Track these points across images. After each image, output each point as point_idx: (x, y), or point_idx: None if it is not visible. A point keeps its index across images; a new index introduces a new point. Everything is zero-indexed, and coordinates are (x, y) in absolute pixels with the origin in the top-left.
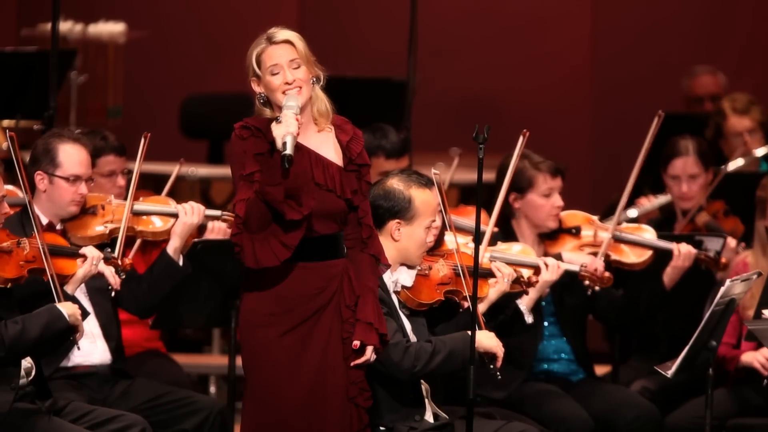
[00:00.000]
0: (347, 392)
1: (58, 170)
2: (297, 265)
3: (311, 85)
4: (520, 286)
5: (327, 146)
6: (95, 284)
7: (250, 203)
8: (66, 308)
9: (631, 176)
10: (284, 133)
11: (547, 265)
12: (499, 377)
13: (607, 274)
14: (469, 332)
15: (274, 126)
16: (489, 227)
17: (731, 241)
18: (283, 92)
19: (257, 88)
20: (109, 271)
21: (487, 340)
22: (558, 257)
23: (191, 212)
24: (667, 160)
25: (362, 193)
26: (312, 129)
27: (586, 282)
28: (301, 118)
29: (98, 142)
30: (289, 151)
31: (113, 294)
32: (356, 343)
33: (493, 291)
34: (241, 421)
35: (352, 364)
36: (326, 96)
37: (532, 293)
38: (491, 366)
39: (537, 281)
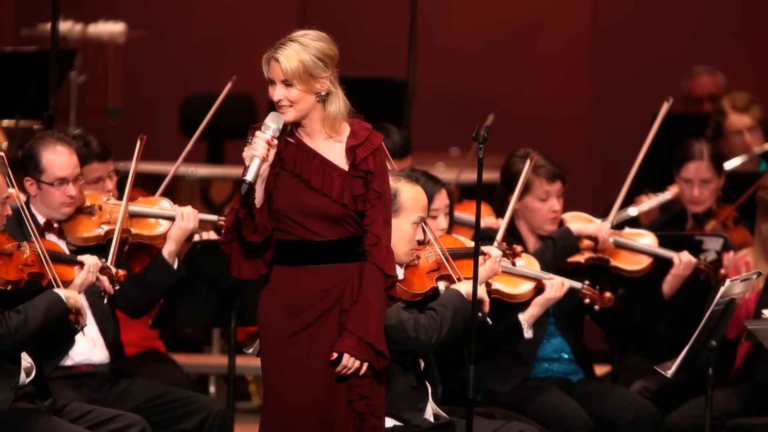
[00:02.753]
0: (347, 396)
1: (43, 176)
2: (300, 267)
3: (310, 101)
4: (508, 258)
5: (336, 150)
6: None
7: (235, 216)
8: (64, 292)
9: (632, 169)
10: (249, 156)
11: (553, 283)
12: (490, 323)
13: (607, 294)
14: (455, 287)
15: (246, 147)
16: (499, 233)
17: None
18: (278, 107)
19: None
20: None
21: (469, 288)
22: (568, 232)
23: (188, 217)
24: (680, 162)
25: (368, 201)
26: (321, 135)
27: (587, 300)
28: (304, 128)
29: (80, 149)
30: (248, 177)
31: (105, 301)
32: (333, 353)
33: (482, 269)
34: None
35: (335, 371)
36: (344, 107)
37: (535, 309)
38: (479, 314)
39: (522, 251)
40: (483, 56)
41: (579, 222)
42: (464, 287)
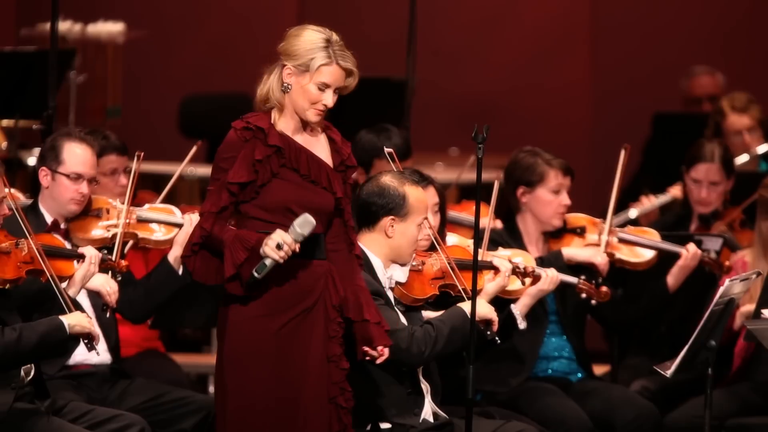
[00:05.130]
0: (328, 392)
1: (61, 167)
2: (296, 260)
3: None
4: (518, 276)
5: (319, 146)
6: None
7: (201, 234)
8: (70, 319)
9: (611, 201)
10: (271, 257)
11: (547, 275)
12: (498, 342)
13: (604, 289)
14: (461, 305)
15: (269, 239)
16: (487, 228)
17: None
18: (315, 110)
19: (287, 78)
20: (105, 290)
21: (481, 308)
22: (558, 254)
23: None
24: (691, 162)
25: (347, 195)
26: (300, 130)
27: (583, 295)
28: (293, 123)
29: (99, 141)
30: (259, 275)
31: (108, 314)
32: (381, 348)
33: (491, 285)
34: (217, 417)
35: (378, 362)
36: None
37: (527, 299)
38: (488, 332)
39: (533, 270)
40: (482, 56)
41: (573, 248)
42: (470, 307)
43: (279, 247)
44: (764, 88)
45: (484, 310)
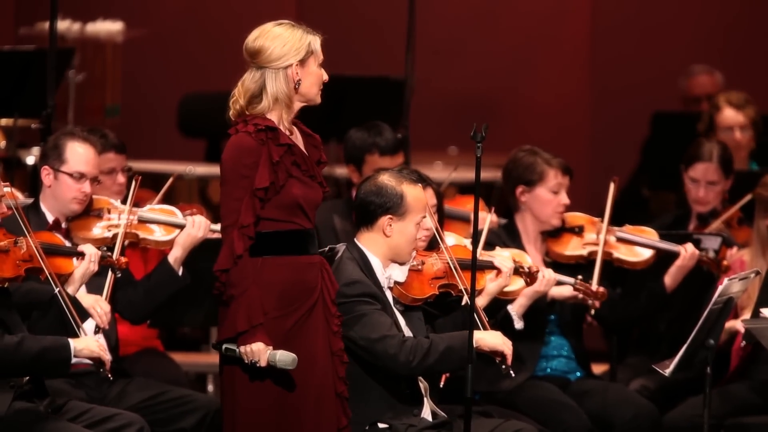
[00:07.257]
0: (335, 387)
1: (64, 166)
2: (305, 257)
3: None
4: (521, 276)
5: (299, 141)
6: (93, 284)
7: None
8: (78, 343)
9: (601, 233)
10: (243, 357)
11: (543, 276)
12: (513, 375)
13: (601, 289)
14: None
15: (255, 350)
16: (485, 229)
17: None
18: (319, 90)
19: (296, 75)
20: (95, 311)
21: (492, 338)
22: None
23: (198, 225)
24: (689, 161)
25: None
26: (286, 126)
27: (580, 296)
28: (288, 120)
29: (98, 139)
30: (225, 351)
31: (100, 334)
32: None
33: (492, 285)
34: (225, 419)
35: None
36: None
37: (523, 300)
38: (503, 366)
39: (537, 270)
40: (482, 56)
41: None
42: (477, 334)
43: (252, 360)
44: (763, 87)
45: (497, 341)
